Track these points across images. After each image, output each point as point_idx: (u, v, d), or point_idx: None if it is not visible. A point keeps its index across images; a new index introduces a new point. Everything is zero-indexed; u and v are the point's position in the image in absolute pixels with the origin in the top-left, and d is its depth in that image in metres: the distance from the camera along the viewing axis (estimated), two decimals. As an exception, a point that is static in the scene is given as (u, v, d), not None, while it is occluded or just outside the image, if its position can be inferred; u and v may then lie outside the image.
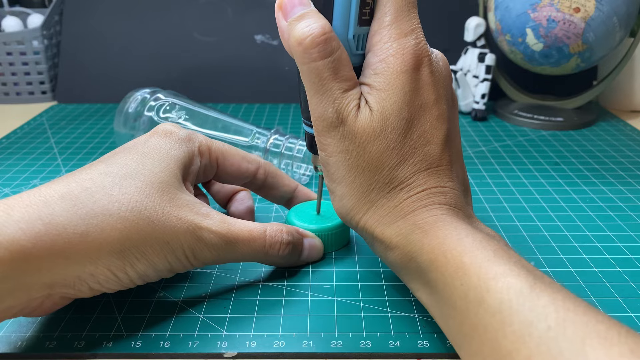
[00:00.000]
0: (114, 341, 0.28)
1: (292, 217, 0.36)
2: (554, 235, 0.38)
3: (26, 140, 0.58)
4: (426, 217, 0.26)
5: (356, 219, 0.28)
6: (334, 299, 0.31)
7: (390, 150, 0.26)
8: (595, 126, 0.63)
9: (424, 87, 0.27)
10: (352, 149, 0.27)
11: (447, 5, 0.71)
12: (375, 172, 0.27)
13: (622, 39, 0.59)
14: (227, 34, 0.74)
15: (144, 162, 0.28)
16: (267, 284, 0.32)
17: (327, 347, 0.27)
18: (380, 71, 0.26)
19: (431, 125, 0.27)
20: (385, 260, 0.28)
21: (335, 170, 0.28)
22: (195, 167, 0.32)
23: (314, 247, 0.34)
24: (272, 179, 0.37)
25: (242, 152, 0.35)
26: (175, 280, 0.33)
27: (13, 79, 0.72)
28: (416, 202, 0.27)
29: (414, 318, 0.29)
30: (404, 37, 0.26)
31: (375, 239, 0.28)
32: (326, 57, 0.26)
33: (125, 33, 0.74)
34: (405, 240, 0.26)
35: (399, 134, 0.26)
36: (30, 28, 0.73)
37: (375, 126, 0.26)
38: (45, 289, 0.25)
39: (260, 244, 0.30)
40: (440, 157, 0.27)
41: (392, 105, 0.26)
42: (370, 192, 0.27)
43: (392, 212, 0.27)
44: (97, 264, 0.25)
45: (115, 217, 0.25)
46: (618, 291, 0.32)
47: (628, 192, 0.45)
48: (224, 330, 0.29)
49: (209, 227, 0.28)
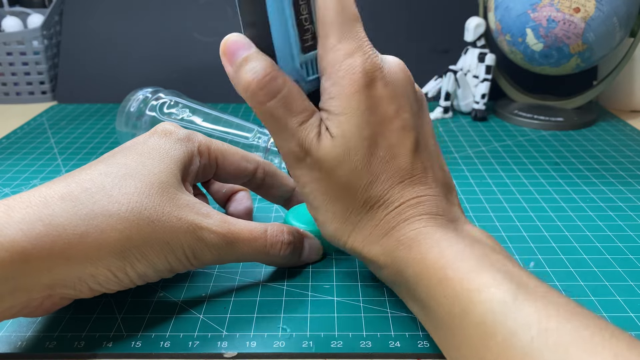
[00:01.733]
0: (114, 341, 0.28)
1: (291, 218, 0.36)
2: (554, 235, 0.38)
3: (26, 140, 0.58)
4: (407, 232, 0.26)
5: (342, 241, 0.28)
6: (334, 299, 0.31)
7: (359, 172, 0.26)
8: (595, 126, 0.63)
9: (381, 101, 0.26)
10: (321, 177, 0.27)
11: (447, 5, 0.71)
12: (349, 195, 0.27)
13: (622, 39, 0.59)
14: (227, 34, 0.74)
15: (143, 162, 0.28)
16: (267, 284, 0.32)
17: (327, 347, 0.27)
18: (334, 95, 0.26)
19: (396, 137, 0.26)
20: (379, 277, 0.29)
21: (312, 199, 0.28)
22: (194, 167, 0.31)
23: (314, 247, 0.34)
24: (270, 178, 0.36)
25: (241, 152, 0.35)
26: (175, 281, 0.33)
27: (13, 79, 0.72)
28: (396, 217, 0.26)
29: (414, 318, 0.29)
30: (350, 56, 0.26)
31: (364, 258, 0.28)
32: (274, 96, 0.26)
33: (126, 33, 0.74)
34: (391, 257, 0.26)
35: (364, 154, 0.26)
36: (30, 28, 0.73)
37: (338, 151, 0.26)
38: (46, 290, 0.25)
39: (261, 243, 0.30)
40: (412, 167, 0.27)
41: (351, 128, 0.26)
42: (349, 215, 0.27)
43: (374, 231, 0.27)
44: (97, 264, 0.25)
45: (115, 217, 0.25)
46: (618, 291, 0.32)
47: (628, 192, 0.45)
48: (224, 330, 0.29)
49: (209, 227, 0.28)
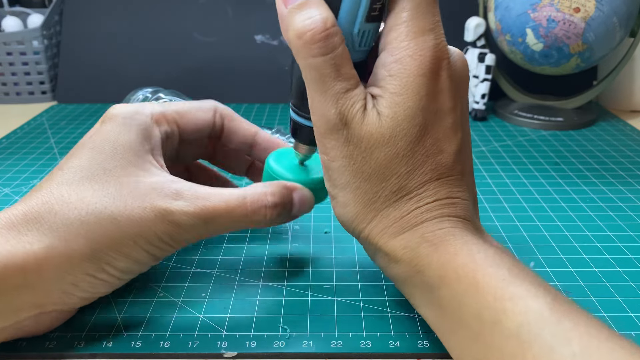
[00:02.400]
0: (114, 341, 0.28)
1: (274, 166, 0.32)
2: (554, 235, 0.38)
3: (26, 140, 0.58)
4: (435, 230, 0.24)
5: (360, 227, 0.26)
6: (334, 299, 0.31)
7: (400, 158, 0.25)
8: (595, 126, 0.63)
9: (441, 92, 0.25)
10: (356, 154, 0.25)
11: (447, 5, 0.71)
12: (382, 179, 0.25)
13: (622, 39, 0.59)
14: (227, 34, 0.74)
15: (95, 158, 0.27)
16: (267, 284, 0.32)
17: (327, 347, 0.27)
18: (395, 73, 0.24)
19: (445, 133, 0.25)
20: (388, 273, 0.27)
21: (338, 175, 0.26)
22: (156, 139, 0.30)
23: (305, 200, 0.30)
24: (229, 122, 0.34)
25: (195, 103, 0.33)
26: (175, 280, 0.33)
27: (13, 79, 0.72)
28: (425, 213, 0.25)
29: (414, 318, 0.29)
30: (422, 35, 0.24)
31: (378, 250, 0.26)
32: (327, 53, 0.24)
33: (125, 33, 0.74)
34: (412, 253, 0.24)
35: (411, 141, 0.24)
36: (30, 28, 0.73)
37: (384, 132, 0.24)
38: (35, 308, 0.25)
39: (241, 213, 0.27)
40: (453, 166, 0.25)
41: (406, 111, 0.24)
42: (375, 201, 0.25)
43: (398, 222, 0.25)
44: (74, 272, 0.25)
45: (76, 224, 0.25)
46: (618, 291, 0.32)
47: (628, 192, 0.45)
48: (224, 330, 0.29)
49: (180, 209, 0.26)
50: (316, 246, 0.37)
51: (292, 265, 0.34)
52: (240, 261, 0.35)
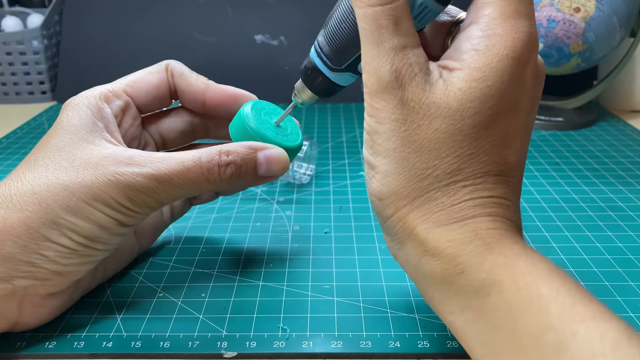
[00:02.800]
0: (114, 341, 0.28)
1: (249, 120, 0.29)
2: (554, 236, 0.38)
3: (26, 141, 0.58)
4: (490, 229, 0.22)
5: (396, 206, 0.23)
6: (334, 299, 0.31)
7: (463, 137, 0.22)
8: (595, 126, 0.63)
9: (523, 85, 0.22)
10: (411, 119, 0.22)
11: (447, 5, 0.71)
12: (437, 155, 0.22)
13: (622, 38, 0.59)
14: (227, 34, 0.74)
15: (49, 140, 0.27)
16: (267, 284, 0.32)
17: (327, 347, 0.27)
18: (482, 48, 0.22)
19: (515, 128, 0.23)
20: (415, 267, 0.23)
21: (383, 140, 0.23)
22: (108, 117, 0.29)
23: (274, 159, 0.28)
24: (178, 80, 0.32)
25: (147, 69, 0.32)
26: (175, 281, 0.33)
27: (13, 79, 0.72)
28: (479, 207, 0.22)
29: (414, 318, 0.29)
30: (519, 18, 0.22)
31: (412, 237, 0.23)
32: (387, 3, 0.22)
33: (125, 33, 0.74)
34: (459, 249, 0.21)
35: (479, 122, 0.22)
36: (30, 28, 0.73)
37: (451, 103, 0.22)
38: (3, 283, 0.25)
39: (197, 172, 0.27)
40: (514, 167, 0.23)
41: (483, 90, 0.21)
42: (424, 178, 0.22)
43: (446, 210, 0.22)
44: (35, 240, 0.25)
45: (28, 194, 0.25)
46: (618, 291, 0.32)
47: (628, 192, 0.45)
48: (223, 330, 0.28)
49: (132, 172, 0.26)
50: (316, 246, 0.37)
51: (292, 265, 0.34)
52: (240, 261, 0.35)
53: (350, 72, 0.26)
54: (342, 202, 0.43)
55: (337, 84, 0.27)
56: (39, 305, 0.27)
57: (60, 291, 0.28)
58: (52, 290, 0.27)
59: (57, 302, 0.28)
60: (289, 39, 0.73)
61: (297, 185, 0.46)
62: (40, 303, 0.27)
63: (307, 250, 0.36)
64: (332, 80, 0.27)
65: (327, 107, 0.70)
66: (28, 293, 0.26)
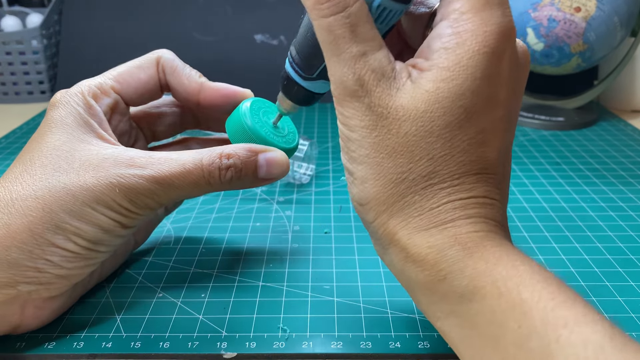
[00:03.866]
0: (113, 342, 0.28)
1: (247, 119, 0.29)
2: (555, 236, 0.38)
3: (25, 141, 0.58)
4: (471, 232, 0.21)
5: (376, 211, 0.23)
6: (334, 300, 0.31)
7: (435, 138, 0.21)
8: (596, 126, 0.62)
9: (499, 78, 0.22)
10: (380, 125, 0.22)
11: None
12: (411, 159, 0.22)
13: (623, 38, 0.59)
14: (227, 33, 0.73)
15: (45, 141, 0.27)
16: (267, 285, 0.32)
17: (327, 347, 0.27)
18: (451, 46, 0.21)
19: (493, 125, 0.22)
20: (401, 273, 0.23)
21: (357, 147, 0.22)
22: (99, 114, 0.28)
23: (274, 162, 0.28)
24: (170, 76, 0.31)
25: (136, 61, 0.31)
26: (174, 281, 0.33)
27: (12, 79, 0.72)
28: (459, 210, 0.21)
29: (414, 319, 0.29)
30: (489, 9, 0.21)
31: (394, 244, 0.22)
32: (339, 12, 0.21)
33: (125, 33, 0.74)
34: (439, 255, 0.21)
35: (450, 122, 0.21)
36: (30, 28, 0.73)
37: (418, 105, 0.21)
38: (8, 289, 0.25)
39: (198, 175, 0.27)
40: (495, 164, 0.22)
41: (452, 89, 0.21)
42: (400, 182, 0.22)
43: (425, 215, 0.22)
44: (40, 245, 0.25)
45: (31, 198, 0.25)
46: (619, 291, 0.31)
47: (629, 192, 0.45)
48: (223, 331, 0.28)
49: (134, 174, 0.26)
50: (316, 246, 0.37)
51: (292, 266, 0.34)
52: (240, 261, 0.35)
53: (322, 79, 0.26)
54: (342, 202, 0.43)
55: (314, 91, 0.27)
56: (41, 307, 0.27)
57: (61, 293, 0.28)
58: (55, 294, 0.27)
59: (58, 304, 0.28)
60: (289, 39, 0.73)
61: (297, 185, 0.46)
62: (42, 305, 0.27)
63: (307, 250, 0.36)
64: (308, 89, 0.27)
65: (327, 107, 0.70)
66: (31, 297, 0.26)
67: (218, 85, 0.31)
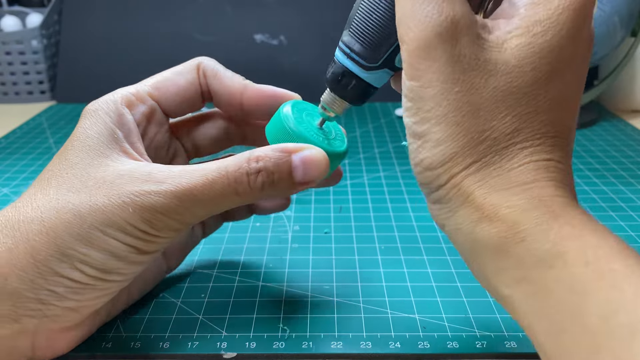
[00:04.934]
0: (113, 342, 0.28)
1: (288, 120, 0.26)
2: (555, 236, 0.38)
3: (25, 140, 0.58)
4: (554, 196, 0.20)
5: (450, 173, 0.21)
6: (334, 300, 0.31)
7: (523, 94, 0.20)
8: (596, 126, 0.62)
9: (581, 40, 0.21)
10: (464, 79, 0.20)
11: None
12: (495, 116, 0.20)
13: (623, 38, 0.59)
14: (227, 33, 0.73)
15: (65, 155, 0.25)
16: (267, 285, 0.32)
17: (327, 348, 0.27)
18: (541, 1, 0.20)
19: (570, 88, 0.21)
20: (467, 235, 0.21)
21: (433, 106, 0.20)
22: (130, 124, 0.26)
23: (311, 162, 0.24)
24: (212, 80, 0.29)
25: (177, 68, 0.29)
26: (174, 281, 0.33)
27: (12, 79, 0.72)
28: (541, 171, 0.20)
29: (414, 319, 0.29)
30: None
31: (466, 204, 0.21)
32: None
33: (125, 33, 0.74)
34: (520, 216, 0.19)
35: (538, 79, 0.20)
36: (29, 27, 0.73)
37: (508, 59, 0.20)
38: (11, 322, 0.23)
39: (223, 185, 0.23)
40: (570, 128, 0.21)
41: (543, 44, 0.20)
42: (481, 142, 0.20)
43: (505, 175, 0.20)
44: (43, 274, 0.22)
45: (37, 222, 0.23)
46: (620, 292, 0.31)
47: (629, 192, 0.45)
48: (223, 331, 0.28)
49: (149, 190, 0.23)
50: (316, 246, 0.37)
51: (292, 266, 0.34)
52: (240, 261, 0.35)
53: (386, 68, 0.24)
54: (342, 202, 0.43)
55: (372, 85, 0.25)
56: (54, 339, 0.25)
57: (76, 324, 0.25)
58: (66, 325, 0.25)
59: (75, 335, 0.26)
60: (289, 39, 0.73)
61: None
62: (55, 337, 0.25)
63: (307, 250, 0.36)
64: (368, 82, 0.25)
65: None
66: (39, 330, 0.24)
67: (262, 86, 0.29)
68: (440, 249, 0.36)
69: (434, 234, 0.38)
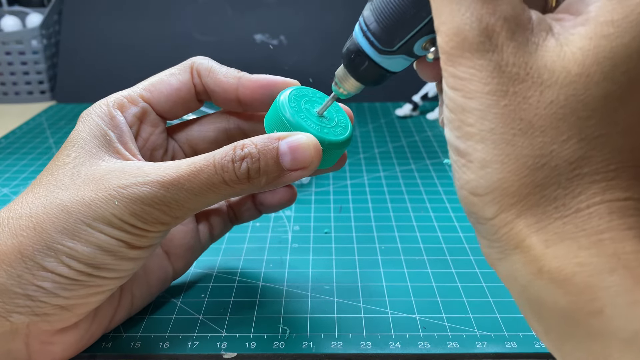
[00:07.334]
0: (113, 342, 0.28)
1: (284, 109, 0.25)
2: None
3: (25, 140, 0.58)
4: (636, 252, 0.16)
5: (499, 205, 0.17)
6: (334, 300, 0.31)
7: (591, 112, 0.16)
8: None
9: None
10: (513, 90, 0.17)
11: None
12: (556, 136, 0.16)
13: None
14: (227, 33, 0.73)
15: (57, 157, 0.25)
16: (267, 285, 0.32)
17: (328, 348, 0.27)
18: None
19: None
20: (524, 288, 0.17)
21: (476, 120, 0.17)
22: (121, 126, 0.26)
23: (298, 147, 0.23)
24: (206, 78, 0.28)
25: (169, 69, 0.29)
26: (175, 281, 0.33)
27: (12, 79, 0.72)
28: (617, 215, 0.16)
29: (415, 319, 0.29)
30: None
31: (521, 250, 0.17)
32: None
33: (125, 33, 0.74)
34: (595, 279, 0.16)
35: (612, 92, 0.16)
36: (29, 27, 0.73)
37: (569, 65, 0.16)
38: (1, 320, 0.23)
39: (210, 172, 0.23)
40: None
41: (616, 48, 0.16)
42: (538, 169, 0.16)
43: (571, 216, 0.16)
44: (30, 269, 0.22)
45: (24, 217, 0.23)
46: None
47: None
48: (223, 331, 0.28)
49: (135, 182, 0.23)
50: (316, 246, 0.37)
51: (292, 266, 0.34)
52: (240, 261, 0.35)
53: (403, 54, 0.21)
54: (342, 202, 0.43)
55: (388, 69, 0.22)
56: (49, 342, 0.24)
57: (72, 326, 0.25)
58: (60, 326, 0.24)
59: (71, 338, 0.25)
60: (289, 39, 0.73)
61: (297, 185, 0.46)
62: (50, 340, 0.24)
63: (307, 250, 0.36)
64: (382, 66, 0.22)
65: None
66: (31, 330, 0.23)
67: (257, 76, 0.28)
68: (440, 249, 0.36)
69: (434, 234, 0.38)
